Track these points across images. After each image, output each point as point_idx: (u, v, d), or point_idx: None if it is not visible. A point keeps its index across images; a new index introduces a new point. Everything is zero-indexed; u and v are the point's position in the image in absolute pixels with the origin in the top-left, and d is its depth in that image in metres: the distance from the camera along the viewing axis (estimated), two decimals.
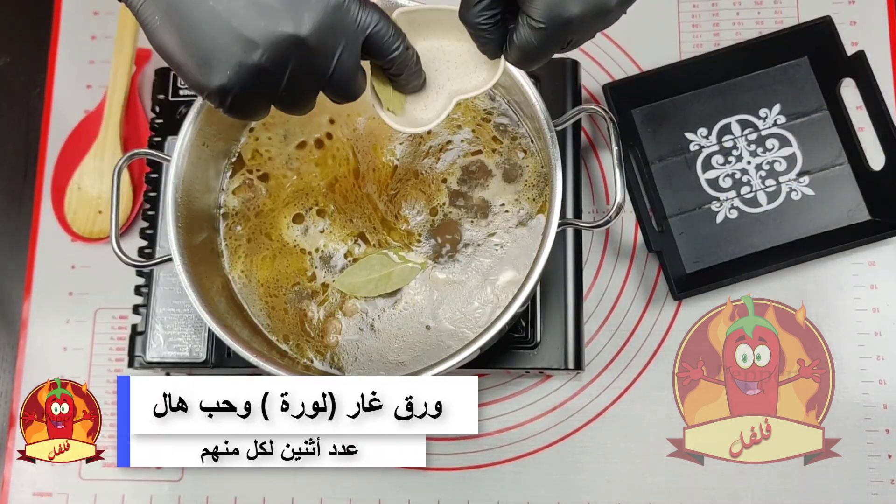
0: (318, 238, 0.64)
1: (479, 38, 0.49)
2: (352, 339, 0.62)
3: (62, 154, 0.79)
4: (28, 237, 0.78)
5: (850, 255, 0.71)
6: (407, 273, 0.63)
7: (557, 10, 0.44)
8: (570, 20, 0.44)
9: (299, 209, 0.65)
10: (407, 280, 0.62)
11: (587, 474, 0.69)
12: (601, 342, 0.71)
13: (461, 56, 0.53)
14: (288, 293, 0.64)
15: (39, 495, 0.73)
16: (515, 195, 0.64)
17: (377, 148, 0.65)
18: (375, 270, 0.63)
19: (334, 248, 0.64)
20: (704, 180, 0.73)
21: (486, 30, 0.47)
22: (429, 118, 0.53)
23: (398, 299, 0.63)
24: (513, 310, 0.55)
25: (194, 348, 0.68)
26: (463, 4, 0.48)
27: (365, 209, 0.64)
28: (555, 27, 0.44)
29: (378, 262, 0.63)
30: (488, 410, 0.71)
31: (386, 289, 0.62)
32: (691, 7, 0.77)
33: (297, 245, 0.64)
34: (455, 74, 0.53)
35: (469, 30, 0.48)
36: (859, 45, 0.72)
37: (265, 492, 0.71)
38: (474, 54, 0.52)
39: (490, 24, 0.47)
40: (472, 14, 0.47)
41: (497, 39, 0.48)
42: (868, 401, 0.68)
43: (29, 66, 0.82)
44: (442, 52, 0.53)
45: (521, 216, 0.63)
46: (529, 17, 0.45)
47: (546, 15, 0.44)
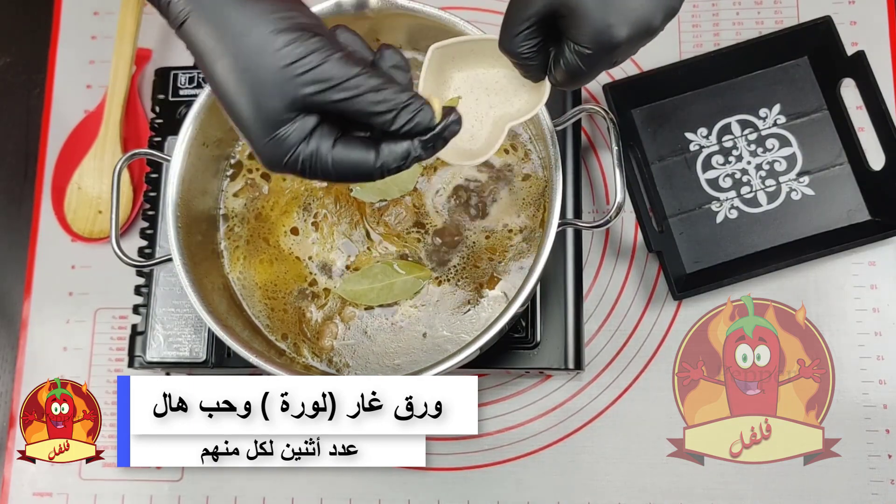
0: (311, 247, 0.64)
1: (521, 66, 0.48)
2: (348, 343, 0.62)
3: (62, 154, 0.79)
4: (28, 237, 0.78)
5: (850, 255, 0.71)
6: (409, 286, 0.62)
7: (606, 36, 0.44)
8: (618, 44, 0.44)
9: (297, 215, 0.64)
10: (409, 293, 0.62)
11: (587, 474, 0.69)
12: (601, 342, 0.71)
13: (499, 82, 0.53)
14: (288, 295, 0.64)
15: (39, 495, 0.73)
16: (515, 198, 0.64)
17: None
18: (378, 280, 0.62)
19: (327, 257, 0.64)
20: (704, 180, 0.73)
21: (529, 57, 0.47)
22: (480, 148, 0.53)
23: (395, 310, 0.62)
24: (513, 310, 0.55)
25: (194, 348, 0.68)
26: (503, 35, 0.47)
27: (353, 216, 0.64)
28: (603, 52, 0.44)
29: (381, 271, 0.62)
30: (488, 410, 0.71)
31: (386, 299, 0.62)
32: (691, 7, 0.77)
33: (293, 253, 0.64)
34: (496, 101, 0.53)
35: (511, 59, 0.48)
36: (859, 45, 0.72)
37: (265, 492, 0.71)
38: (512, 79, 0.52)
39: (533, 51, 0.47)
40: (515, 44, 0.47)
41: (540, 65, 0.48)
42: (868, 401, 0.68)
43: (29, 66, 0.82)
44: (478, 80, 0.53)
45: (521, 221, 0.63)
46: (577, 44, 0.45)
47: (594, 41, 0.44)
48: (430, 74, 0.52)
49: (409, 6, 0.59)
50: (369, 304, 0.62)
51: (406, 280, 0.62)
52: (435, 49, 0.51)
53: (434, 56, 0.51)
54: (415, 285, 0.62)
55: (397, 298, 0.62)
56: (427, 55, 0.51)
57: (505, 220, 0.63)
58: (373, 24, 0.62)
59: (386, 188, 0.63)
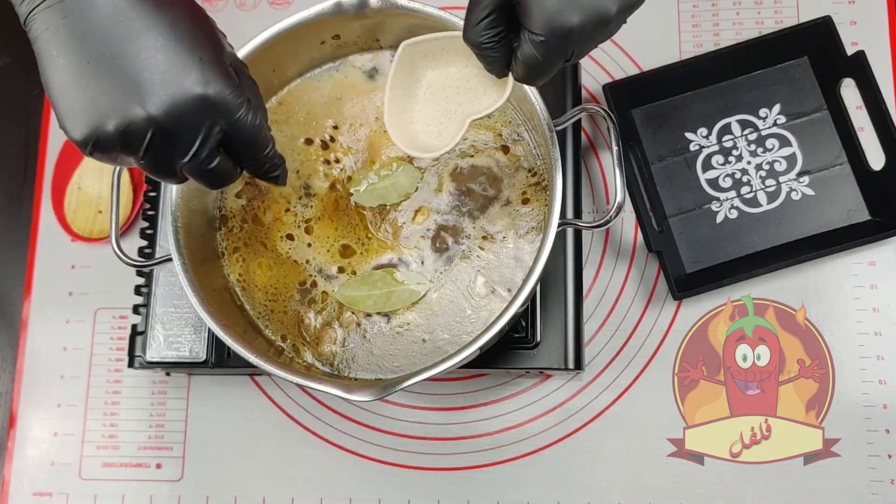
0: (308, 251, 0.64)
1: (484, 57, 0.49)
2: (348, 347, 0.62)
3: (62, 154, 0.79)
4: (28, 237, 0.78)
5: (850, 255, 0.71)
6: (407, 296, 0.62)
7: (558, 21, 0.44)
8: (570, 30, 0.44)
9: (292, 220, 0.64)
10: (406, 303, 0.61)
11: (587, 474, 0.69)
12: (601, 342, 0.71)
13: (469, 81, 0.53)
14: (289, 299, 0.63)
15: (39, 495, 0.73)
16: (515, 199, 0.64)
17: (374, 161, 0.65)
18: (377, 287, 0.62)
19: (324, 263, 0.63)
20: (704, 180, 0.73)
21: (490, 48, 0.47)
22: (443, 143, 0.54)
23: (394, 316, 0.62)
24: (513, 310, 0.55)
25: (194, 348, 0.68)
26: (466, 25, 0.48)
27: (352, 219, 0.64)
28: (555, 38, 0.45)
29: (381, 279, 0.62)
30: (488, 410, 0.71)
31: (384, 307, 0.62)
32: (691, 7, 0.77)
33: (290, 257, 0.64)
34: (465, 99, 0.54)
35: (474, 50, 0.49)
36: (859, 45, 0.72)
37: (265, 492, 0.71)
38: (482, 77, 0.52)
39: (494, 41, 0.47)
40: (476, 33, 0.47)
41: (502, 58, 0.48)
42: (868, 401, 0.68)
43: (29, 66, 0.82)
44: (450, 79, 0.54)
45: (520, 221, 0.63)
46: (530, 32, 0.45)
47: (546, 27, 0.44)
48: (399, 72, 0.53)
49: (409, 6, 0.59)
50: (367, 310, 0.62)
51: (405, 289, 0.62)
52: (406, 46, 0.52)
53: (405, 53, 0.51)
54: (413, 295, 0.62)
55: (395, 307, 0.62)
56: (397, 51, 0.51)
57: (505, 221, 0.63)
58: (373, 24, 0.62)
59: (386, 193, 0.64)
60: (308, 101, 0.66)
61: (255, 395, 0.73)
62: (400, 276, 0.62)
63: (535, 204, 0.63)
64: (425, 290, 0.62)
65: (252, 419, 0.73)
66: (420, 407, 0.72)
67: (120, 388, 0.74)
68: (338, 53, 0.66)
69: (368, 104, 0.65)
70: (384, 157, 0.64)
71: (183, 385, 0.74)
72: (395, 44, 0.64)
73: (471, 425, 0.71)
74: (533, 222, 0.63)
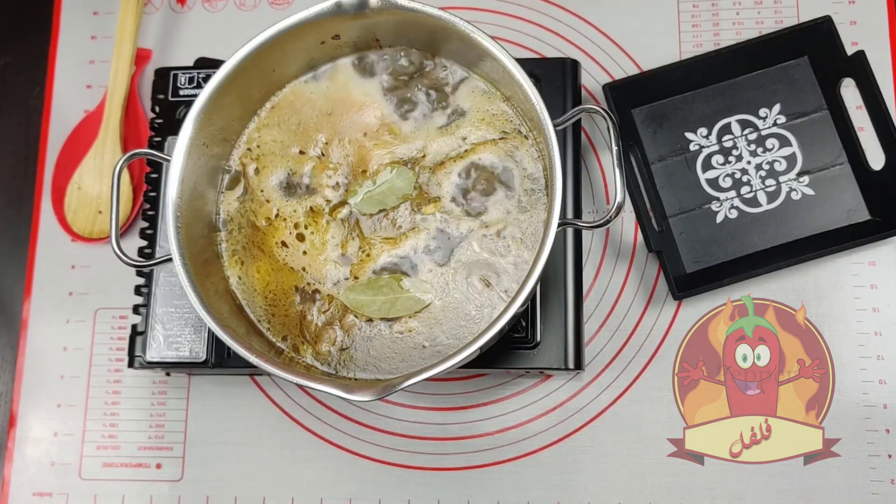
0: (303, 259, 0.64)
1: None
2: (346, 348, 0.62)
3: (62, 154, 0.79)
4: (28, 237, 0.78)
5: (850, 255, 0.71)
6: (411, 304, 0.62)
7: None
8: None
9: (285, 228, 0.64)
10: (410, 311, 0.61)
11: (587, 474, 0.69)
12: (601, 342, 0.71)
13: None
14: (290, 303, 0.63)
15: (39, 495, 0.73)
16: (514, 199, 0.64)
17: (363, 174, 0.65)
18: (382, 293, 0.62)
19: (320, 270, 0.63)
20: (704, 180, 0.73)
21: None
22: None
23: (395, 323, 0.62)
24: (513, 310, 0.55)
25: (194, 348, 0.68)
26: None
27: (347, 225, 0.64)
28: None
29: (387, 284, 0.62)
30: (488, 410, 0.71)
31: (388, 314, 0.62)
32: (691, 7, 0.77)
33: (287, 263, 0.64)
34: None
35: None
36: (859, 45, 0.72)
37: (265, 492, 0.71)
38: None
39: None
40: None
41: None
42: (868, 401, 0.68)
43: (29, 66, 0.82)
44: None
45: (520, 221, 0.63)
46: None
47: None
48: None
49: (409, 6, 0.59)
50: (371, 315, 0.62)
51: (409, 297, 0.62)
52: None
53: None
54: (417, 304, 0.62)
55: (399, 314, 0.62)
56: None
57: (504, 221, 0.63)
58: (373, 24, 0.62)
59: (384, 198, 0.64)
60: (300, 111, 0.66)
61: (255, 395, 0.73)
62: (406, 283, 0.62)
63: (534, 204, 0.63)
64: (430, 300, 0.62)
65: (252, 419, 0.73)
66: (420, 407, 0.72)
67: (120, 388, 0.74)
68: (337, 53, 0.66)
69: (358, 119, 0.65)
70: (375, 165, 0.64)
71: (183, 385, 0.74)
72: (394, 43, 0.64)
73: (471, 425, 0.71)
74: (533, 222, 0.63)
